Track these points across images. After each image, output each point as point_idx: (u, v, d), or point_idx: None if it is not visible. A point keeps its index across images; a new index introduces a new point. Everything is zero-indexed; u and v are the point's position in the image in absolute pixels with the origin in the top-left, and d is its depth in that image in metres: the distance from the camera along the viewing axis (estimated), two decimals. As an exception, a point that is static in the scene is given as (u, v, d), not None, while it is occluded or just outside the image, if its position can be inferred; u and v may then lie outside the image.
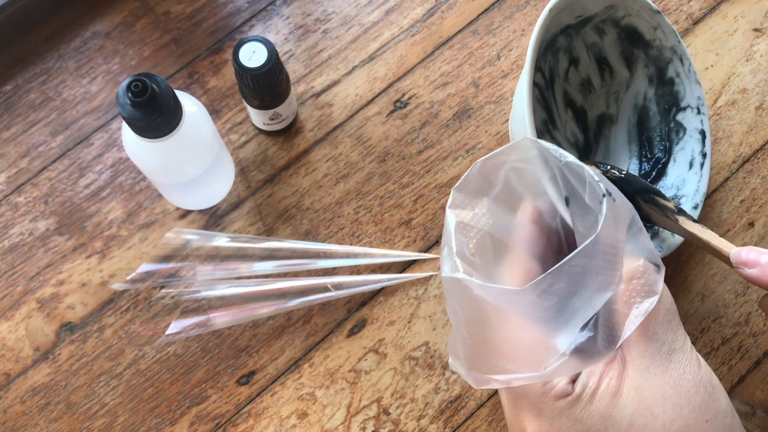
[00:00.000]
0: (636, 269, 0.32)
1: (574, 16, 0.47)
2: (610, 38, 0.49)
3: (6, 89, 0.52)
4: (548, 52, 0.49)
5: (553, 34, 0.48)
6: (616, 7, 0.48)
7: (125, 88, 0.38)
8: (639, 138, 0.50)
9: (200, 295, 0.46)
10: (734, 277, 0.49)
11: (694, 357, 0.32)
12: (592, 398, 0.31)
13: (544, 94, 0.50)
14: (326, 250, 0.48)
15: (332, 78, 0.53)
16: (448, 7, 0.55)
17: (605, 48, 0.49)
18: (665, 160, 0.48)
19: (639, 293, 0.31)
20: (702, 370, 0.32)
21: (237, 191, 0.50)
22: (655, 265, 0.32)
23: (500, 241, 0.35)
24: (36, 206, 0.50)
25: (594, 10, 0.48)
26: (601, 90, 0.50)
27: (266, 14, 0.55)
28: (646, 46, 0.49)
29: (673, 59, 0.48)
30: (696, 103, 0.48)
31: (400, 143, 0.52)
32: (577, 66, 0.50)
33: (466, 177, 0.35)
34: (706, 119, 0.48)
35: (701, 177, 0.48)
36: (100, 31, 0.54)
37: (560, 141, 0.49)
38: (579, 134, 0.50)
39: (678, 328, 0.33)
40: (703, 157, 0.48)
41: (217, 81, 0.53)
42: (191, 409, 0.46)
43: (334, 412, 0.46)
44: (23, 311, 0.47)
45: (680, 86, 0.48)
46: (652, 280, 0.32)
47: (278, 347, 0.47)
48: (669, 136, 0.49)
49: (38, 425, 0.45)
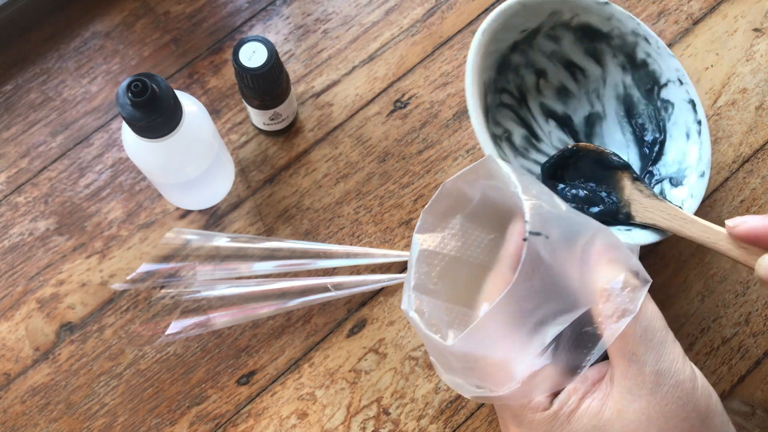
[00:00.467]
0: (611, 289, 0.30)
1: (517, 32, 0.47)
2: (567, 42, 0.49)
3: (6, 89, 0.52)
4: (506, 71, 0.49)
5: (502, 55, 0.48)
6: (560, 11, 0.47)
7: (125, 88, 0.38)
8: (631, 126, 0.49)
9: (200, 295, 0.46)
10: (734, 277, 0.49)
11: (688, 378, 0.30)
12: (570, 417, 0.30)
13: (518, 113, 0.50)
14: (326, 250, 0.48)
15: (332, 78, 0.53)
16: (448, 7, 0.55)
17: (567, 52, 0.49)
18: (662, 138, 0.47)
19: (615, 313, 0.30)
20: (697, 393, 0.30)
21: (237, 191, 0.50)
22: (640, 280, 0.31)
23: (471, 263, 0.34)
24: (36, 206, 0.50)
25: (537, 20, 0.47)
26: (580, 92, 0.50)
27: (266, 14, 0.55)
28: (606, 38, 0.48)
29: (638, 41, 0.47)
30: (675, 75, 0.47)
31: (400, 143, 0.52)
32: (545, 77, 0.50)
33: (437, 198, 0.34)
34: (692, 87, 0.47)
35: (701, 144, 0.46)
36: (100, 31, 0.54)
37: (548, 153, 0.50)
38: (569, 140, 0.50)
39: (664, 346, 0.30)
40: (698, 124, 0.46)
41: (217, 81, 0.53)
42: (191, 409, 0.46)
43: (334, 412, 0.46)
44: (23, 311, 0.47)
45: (654, 64, 0.47)
46: (630, 298, 0.30)
47: (278, 347, 0.47)
48: (659, 115, 0.48)
49: (38, 425, 0.45)
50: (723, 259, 0.49)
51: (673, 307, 0.48)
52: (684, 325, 0.48)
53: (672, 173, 0.46)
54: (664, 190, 0.45)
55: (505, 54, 0.48)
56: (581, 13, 0.47)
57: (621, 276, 0.30)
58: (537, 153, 0.50)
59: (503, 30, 0.46)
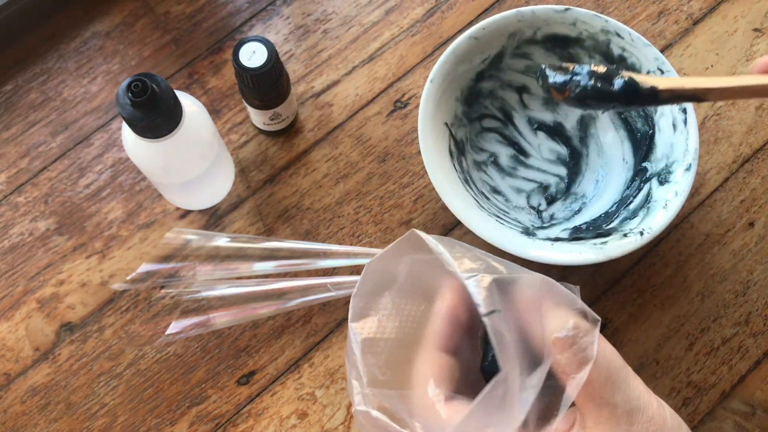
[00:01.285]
0: (565, 340, 0.29)
1: (477, 63, 0.47)
2: (539, 55, 0.49)
3: (6, 89, 0.52)
4: (479, 99, 0.49)
5: (467, 87, 0.48)
6: (520, 30, 0.47)
7: (125, 88, 0.38)
8: (622, 122, 0.49)
9: (200, 295, 0.46)
10: (734, 277, 0.49)
11: (657, 411, 0.30)
12: None
13: (503, 133, 0.50)
14: (326, 250, 0.48)
15: (332, 78, 0.53)
16: (448, 7, 0.55)
17: (542, 63, 0.49)
18: (651, 132, 0.47)
19: (573, 363, 0.29)
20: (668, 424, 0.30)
21: (237, 191, 0.50)
22: (590, 321, 0.30)
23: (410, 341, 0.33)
24: (36, 206, 0.50)
25: (497, 46, 0.47)
26: None
27: (266, 14, 0.55)
28: (577, 42, 0.48)
29: (610, 38, 0.47)
30: (655, 65, 0.46)
31: (400, 143, 0.52)
32: (528, 91, 0.50)
33: (363, 280, 0.33)
34: (674, 74, 0.46)
35: (688, 134, 0.45)
36: (100, 31, 0.54)
37: (537, 167, 0.50)
38: (561, 148, 0.50)
39: (630, 384, 0.30)
40: (683, 113, 0.45)
41: (217, 81, 0.53)
42: (191, 409, 0.46)
43: (334, 412, 0.46)
44: (23, 311, 0.47)
45: (632, 57, 0.47)
46: (585, 344, 0.29)
47: (278, 347, 0.47)
48: (646, 109, 0.48)
49: (38, 425, 0.45)
50: (723, 259, 0.49)
51: (673, 307, 0.48)
52: (684, 325, 0.48)
53: (660, 169, 0.46)
54: (651, 189, 0.45)
55: (470, 86, 0.48)
56: (543, 26, 0.47)
57: (570, 321, 0.29)
58: (526, 169, 0.50)
59: (459, 67, 0.46)
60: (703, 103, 0.44)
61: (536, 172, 0.50)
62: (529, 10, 0.46)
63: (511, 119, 0.51)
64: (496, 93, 0.50)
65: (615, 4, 0.56)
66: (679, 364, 0.47)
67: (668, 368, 0.47)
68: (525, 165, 0.50)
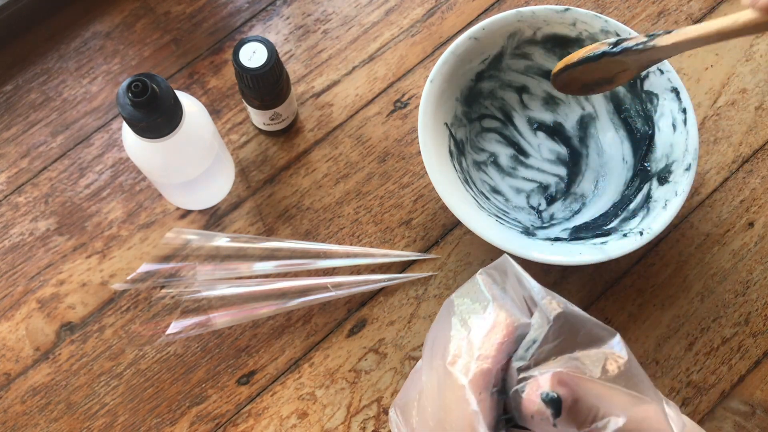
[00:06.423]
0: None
1: (477, 63, 0.47)
2: (539, 55, 0.49)
3: (6, 89, 0.52)
4: (479, 99, 0.49)
5: (467, 87, 0.48)
6: (520, 31, 0.47)
7: (125, 89, 0.38)
8: (622, 122, 0.49)
9: (200, 295, 0.46)
10: (734, 277, 0.49)
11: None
12: None
13: (503, 133, 0.50)
14: (326, 250, 0.48)
15: (332, 78, 0.53)
16: (448, 8, 0.55)
17: (542, 64, 0.49)
18: (651, 132, 0.47)
19: None
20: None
21: (237, 191, 0.50)
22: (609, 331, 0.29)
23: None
24: (36, 206, 0.50)
25: (497, 46, 0.47)
26: (568, 97, 0.50)
27: (266, 14, 0.55)
28: (577, 42, 0.48)
29: (610, 38, 0.46)
30: (654, 65, 0.45)
31: (400, 143, 0.52)
32: (528, 91, 0.50)
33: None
34: (674, 74, 0.46)
35: (687, 134, 0.45)
36: (101, 31, 0.54)
37: (537, 167, 0.50)
38: (561, 148, 0.50)
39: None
40: (683, 113, 0.45)
41: (217, 81, 0.53)
42: (191, 409, 0.46)
43: (334, 411, 0.46)
44: (23, 311, 0.47)
45: None
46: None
47: (278, 347, 0.47)
48: (646, 108, 0.47)
49: (38, 425, 0.45)
50: (723, 259, 0.49)
51: (672, 307, 0.48)
52: (684, 325, 0.48)
53: (660, 169, 0.46)
54: (651, 189, 0.45)
55: (470, 86, 0.48)
56: (543, 26, 0.47)
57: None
58: (526, 169, 0.50)
59: (458, 67, 0.46)
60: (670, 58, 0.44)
61: (536, 172, 0.50)
62: (529, 11, 0.46)
63: (511, 119, 0.51)
64: (496, 93, 0.50)
65: (615, 5, 0.56)
66: (679, 364, 0.47)
67: (668, 368, 0.47)
68: (525, 165, 0.50)
